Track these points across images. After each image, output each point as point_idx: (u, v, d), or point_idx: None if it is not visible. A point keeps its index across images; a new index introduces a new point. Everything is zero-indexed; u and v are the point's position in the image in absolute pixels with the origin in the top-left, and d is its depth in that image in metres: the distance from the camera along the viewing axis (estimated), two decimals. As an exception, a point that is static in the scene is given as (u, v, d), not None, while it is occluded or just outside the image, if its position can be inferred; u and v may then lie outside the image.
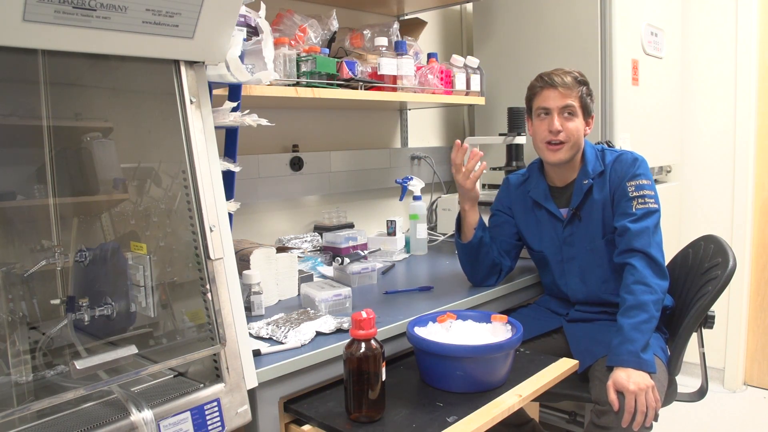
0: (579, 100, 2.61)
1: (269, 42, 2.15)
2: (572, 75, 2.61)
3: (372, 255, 3.20)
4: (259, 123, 2.03)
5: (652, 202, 2.55)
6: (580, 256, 2.70)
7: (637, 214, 2.53)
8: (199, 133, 1.70)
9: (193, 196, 1.69)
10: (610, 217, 2.62)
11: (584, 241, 2.69)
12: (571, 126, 2.60)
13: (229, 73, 1.86)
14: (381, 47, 3.11)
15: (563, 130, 2.60)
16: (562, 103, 2.59)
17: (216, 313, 1.67)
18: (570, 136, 2.60)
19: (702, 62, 4.52)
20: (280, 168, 3.29)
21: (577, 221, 2.69)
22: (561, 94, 2.59)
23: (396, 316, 2.29)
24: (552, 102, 2.60)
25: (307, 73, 2.72)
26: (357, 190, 3.76)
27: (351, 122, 3.78)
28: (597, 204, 2.64)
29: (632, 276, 2.46)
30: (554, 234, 2.75)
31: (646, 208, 2.54)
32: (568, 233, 2.71)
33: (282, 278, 2.56)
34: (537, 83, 2.66)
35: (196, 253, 1.69)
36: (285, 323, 2.11)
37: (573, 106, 2.59)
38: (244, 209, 3.03)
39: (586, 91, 2.64)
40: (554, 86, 2.59)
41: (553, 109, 2.60)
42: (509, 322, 2.17)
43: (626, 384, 2.26)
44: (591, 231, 2.67)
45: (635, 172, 2.60)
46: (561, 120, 2.60)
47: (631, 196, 2.56)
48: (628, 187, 2.57)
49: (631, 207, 2.55)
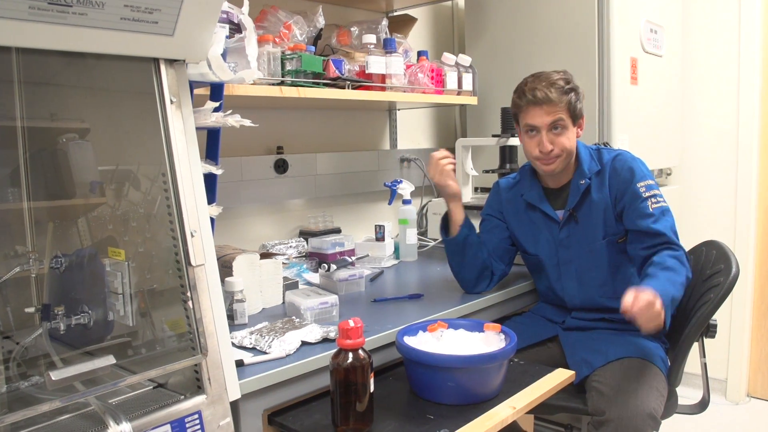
0: (567, 111, 2.59)
1: (253, 39, 2.15)
2: (557, 86, 2.57)
3: (360, 261, 3.21)
4: (242, 124, 2.03)
5: (663, 201, 2.58)
6: (578, 258, 2.72)
7: (655, 213, 2.54)
8: (179, 134, 1.70)
9: (173, 199, 1.69)
10: (611, 219, 2.63)
11: (582, 242, 2.70)
12: (562, 140, 2.60)
13: (211, 71, 1.86)
14: (369, 45, 3.12)
15: (554, 147, 2.60)
16: (549, 120, 2.58)
17: (197, 322, 1.67)
18: (563, 149, 2.61)
19: (704, 60, 4.53)
20: (264, 170, 3.30)
21: (574, 223, 2.70)
22: (546, 111, 2.57)
23: (385, 324, 2.30)
24: (539, 119, 2.59)
25: (292, 72, 2.72)
26: (344, 194, 3.77)
27: (338, 123, 3.79)
28: (596, 204, 2.65)
29: (674, 259, 2.45)
30: (550, 236, 2.76)
31: (660, 206, 2.56)
32: (564, 235, 2.72)
33: (266, 285, 2.57)
34: (521, 100, 2.63)
35: (176, 259, 1.69)
36: (269, 332, 2.12)
37: (562, 120, 2.58)
38: (226, 213, 3.04)
39: (574, 97, 2.60)
40: (538, 103, 2.57)
41: (541, 126, 2.59)
42: (503, 331, 2.18)
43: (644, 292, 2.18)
44: (590, 232, 2.68)
45: (641, 172, 2.62)
46: (551, 137, 2.60)
47: (644, 196, 2.57)
48: (639, 188, 2.58)
49: (648, 207, 2.56)
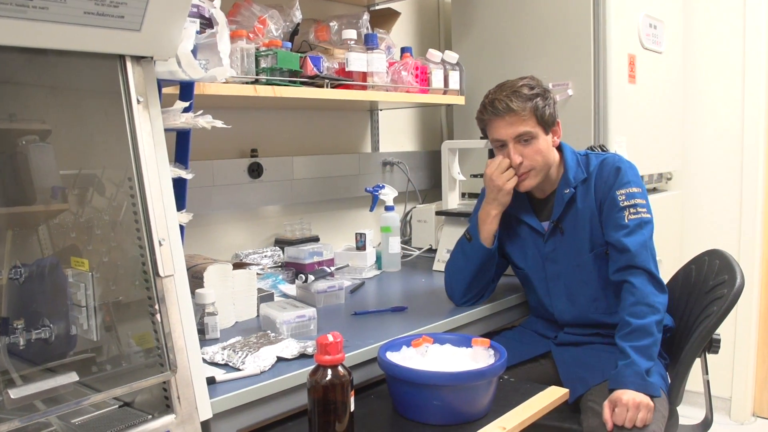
0: (534, 119, 2.58)
1: (225, 35, 2.16)
2: (519, 94, 2.57)
3: (339, 272, 3.22)
4: (213, 125, 2.03)
5: (644, 211, 2.57)
6: (566, 273, 2.72)
7: (630, 225, 2.54)
8: (147, 136, 1.70)
9: (140, 206, 1.69)
10: (598, 229, 2.63)
11: (569, 256, 2.70)
12: (531, 152, 2.61)
13: (181, 69, 1.86)
14: (349, 41, 3.13)
15: (524, 159, 2.61)
16: (513, 132, 2.59)
17: (166, 337, 1.68)
18: (533, 162, 2.61)
19: (706, 57, 4.55)
20: (237, 175, 3.30)
21: (560, 235, 2.70)
22: (509, 123, 2.58)
23: (366, 339, 2.31)
24: (503, 132, 2.61)
25: (267, 70, 2.73)
26: (323, 200, 3.77)
27: (316, 124, 3.80)
28: (582, 215, 2.66)
29: (632, 296, 2.48)
30: (536, 250, 2.77)
31: (639, 218, 2.55)
32: (550, 248, 2.73)
33: (239, 298, 2.57)
34: (483, 114, 2.66)
35: (143, 269, 1.69)
36: (242, 348, 2.13)
37: (527, 132, 2.58)
38: (197, 221, 3.03)
39: (540, 102, 2.59)
40: (500, 116, 2.58)
41: (507, 139, 2.61)
42: (492, 347, 2.18)
43: (620, 395, 2.30)
44: (576, 245, 2.68)
45: (624, 179, 2.61)
46: (518, 149, 2.61)
47: (622, 205, 2.57)
48: (618, 196, 2.58)
49: (623, 218, 2.56)
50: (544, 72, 3.47)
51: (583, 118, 3.56)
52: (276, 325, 2.35)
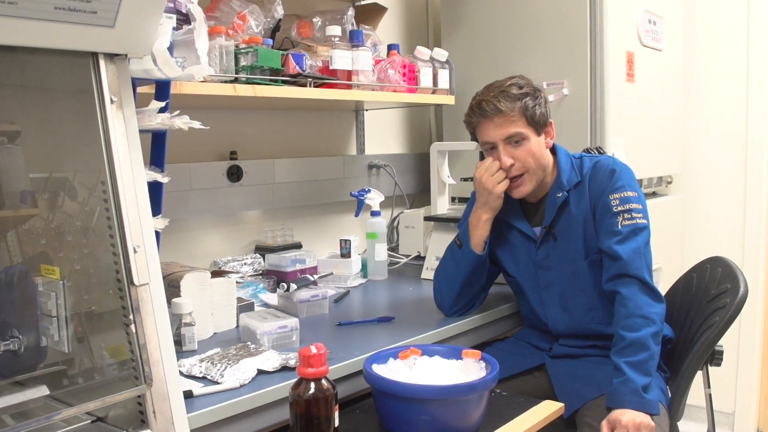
0: (524, 119, 2.59)
1: (203, 31, 2.17)
2: (507, 93, 2.58)
3: (323, 280, 3.21)
4: (191, 126, 2.02)
5: (640, 217, 2.57)
6: (560, 281, 2.72)
7: (623, 232, 2.54)
8: (121, 137, 1.69)
9: (114, 211, 1.68)
10: (592, 235, 2.64)
11: (563, 263, 2.71)
12: (523, 153, 2.61)
13: (156, 67, 1.86)
14: (333, 38, 3.13)
15: (515, 161, 2.61)
16: (503, 134, 2.60)
17: (141, 348, 1.67)
18: (526, 164, 2.62)
19: (708, 54, 4.56)
20: (216, 178, 3.31)
21: (552, 241, 2.71)
22: (498, 124, 2.59)
23: (351, 351, 2.31)
24: (492, 134, 2.62)
25: (248, 68, 2.74)
26: (305, 205, 3.79)
27: (298, 125, 3.80)
28: (576, 220, 2.66)
29: (625, 308, 2.48)
30: (528, 257, 2.78)
31: (633, 224, 2.55)
32: (542, 255, 2.73)
33: (218, 307, 2.58)
34: (471, 117, 2.67)
35: (117, 278, 1.69)
36: (221, 360, 2.13)
37: (517, 133, 2.59)
38: (173, 227, 3.02)
39: (530, 102, 2.60)
40: (488, 117, 2.59)
41: (497, 142, 2.62)
42: (483, 359, 2.18)
43: (619, 417, 2.31)
44: (570, 251, 2.68)
45: (618, 182, 2.61)
46: (509, 151, 2.61)
47: (615, 211, 2.57)
48: (611, 200, 2.59)
49: (617, 224, 2.56)
50: (538, 70, 3.50)
51: (578, 119, 3.57)
52: (256, 336, 2.35)
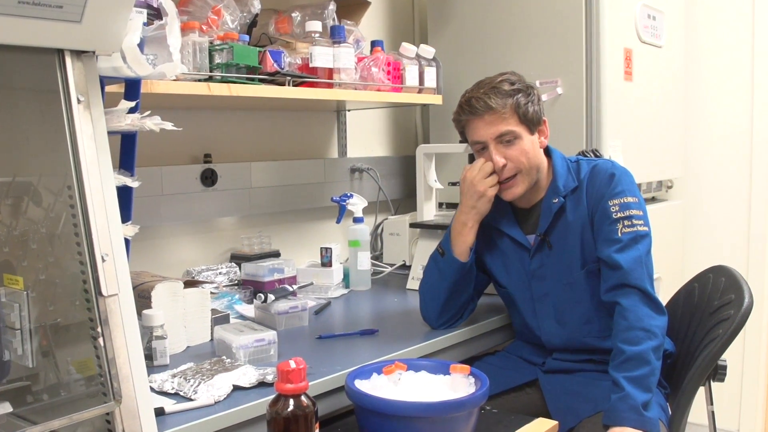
0: (515, 117, 2.60)
1: (175, 27, 2.17)
2: (498, 90, 2.59)
3: (302, 291, 3.21)
4: (162, 127, 2.01)
5: (641, 224, 2.57)
6: (554, 292, 2.72)
7: (623, 240, 2.54)
8: (88, 139, 1.69)
9: (81, 217, 1.68)
10: (590, 243, 2.64)
11: (558, 273, 2.70)
12: (516, 152, 2.62)
13: (126, 65, 1.86)
14: (313, 34, 3.14)
15: (508, 161, 2.62)
16: (494, 132, 2.60)
17: (109, 363, 1.67)
18: (518, 164, 2.62)
19: (711, 51, 4.56)
20: (189, 183, 3.30)
21: (547, 249, 2.71)
22: (488, 122, 2.60)
23: (332, 366, 2.32)
24: (483, 133, 2.62)
25: (223, 66, 2.74)
26: (284, 211, 3.79)
27: (276, 126, 3.81)
28: (572, 227, 2.66)
29: (625, 320, 2.46)
30: (520, 266, 2.78)
31: (634, 231, 2.55)
32: (536, 265, 2.73)
33: (191, 319, 2.58)
34: (460, 115, 2.68)
35: (84, 288, 1.69)
36: (195, 375, 2.14)
37: (509, 131, 2.60)
38: (144, 234, 3.00)
39: (522, 99, 2.61)
40: (478, 115, 2.60)
41: (488, 141, 2.62)
42: (472, 374, 2.18)
43: None
44: (566, 261, 2.68)
45: (618, 187, 2.61)
46: (501, 151, 2.62)
47: (615, 217, 2.57)
48: (610, 206, 2.59)
49: (616, 231, 2.56)
50: (530, 68, 3.50)
51: (573, 120, 3.58)
52: (232, 349, 2.35)
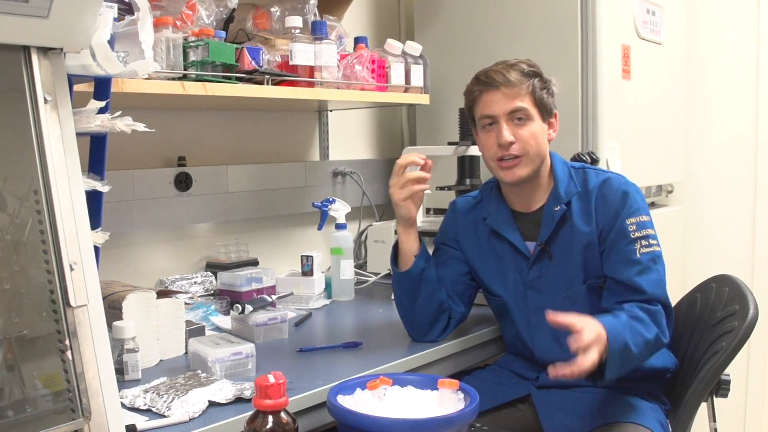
0: (531, 97, 2.63)
1: (148, 23, 2.17)
2: (517, 68, 2.63)
3: (282, 301, 3.21)
4: (134, 128, 2.01)
5: (655, 243, 2.60)
6: (551, 305, 2.63)
7: (642, 261, 2.55)
8: (55, 141, 1.69)
9: (48, 224, 1.68)
10: (595, 259, 2.64)
11: (557, 286, 2.70)
12: (525, 133, 2.62)
13: (95, 63, 1.86)
14: (293, 29, 3.13)
15: (516, 141, 2.62)
16: (509, 106, 2.61)
17: (78, 377, 1.67)
18: (526, 146, 2.63)
19: (714, 48, 4.58)
20: (162, 187, 3.31)
21: (547, 260, 2.71)
22: (506, 95, 2.61)
23: (314, 381, 2.32)
24: (496, 107, 2.63)
25: (198, 64, 2.75)
26: (262, 217, 3.80)
27: (255, 128, 3.82)
28: (576, 238, 2.66)
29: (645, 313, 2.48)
30: (517, 275, 2.78)
31: (651, 252, 2.57)
32: (535, 275, 2.74)
33: (164, 331, 2.59)
34: (474, 86, 2.69)
35: (52, 298, 1.69)
36: (168, 390, 2.14)
37: (524, 108, 2.61)
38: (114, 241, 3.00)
39: (540, 84, 2.65)
40: (495, 87, 2.61)
41: (499, 115, 2.62)
42: (462, 389, 2.18)
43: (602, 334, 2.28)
44: (567, 273, 2.69)
45: (634, 205, 2.63)
46: (511, 128, 2.62)
47: (633, 237, 2.58)
48: (628, 225, 2.59)
49: (635, 252, 2.57)
50: (523, 66, 3.52)
51: (568, 121, 3.58)
52: (207, 363, 2.36)
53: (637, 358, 2.41)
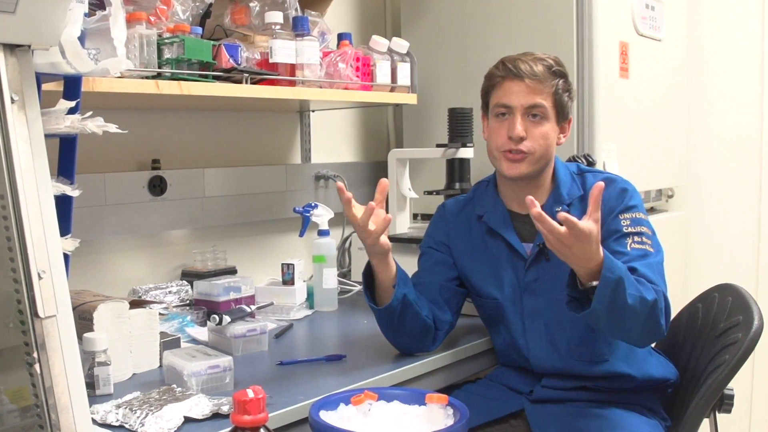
0: (553, 98, 2.65)
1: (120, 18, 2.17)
2: (545, 63, 2.65)
3: (261, 312, 3.22)
4: (106, 130, 2.00)
5: (650, 244, 2.60)
6: (547, 309, 2.72)
7: (630, 254, 2.54)
8: (23, 143, 1.69)
9: (15, 230, 1.68)
10: None
11: (554, 289, 2.67)
12: (538, 132, 2.64)
13: (65, 60, 1.85)
14: (274, 25, 3.13)
15: (527, 137, 2.64)
16: (528, 101, 2.63)
17: (46, 392, 1.67)
18: (536, 146, 2.65)
19: (716, 45, 4.60)
20: (136, 192, 3.30)
21: (545, 261, 2.72)
22: (528, 88, 2.63)
23: (295, 395, 2.32)
24: (515, 98, 2.64)
25: (173, 61, 2.75)
26: (241, 223, 3.80)
27: (233, 129, 3.82)
28: None
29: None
30: (514, 277, 2.78)
31: (642, 249, 2.56)
32: (532, 277, 2.75)
33: (138, 344, 2.58)
34: (497, 71, 2.70)
35: (19, 309, 1.68)
36: (142, 405, 2.14)
37: (543, 106, 2.64)
38: (85, 249, 2.99)
39: (563, 85, 2.68)
40: (520, 77, 2.63)
41: (517, 107, 2.64)
42: (451, 404, 2.15)
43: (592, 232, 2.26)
44: (564, 275, 2.61)
45: (631, 202, 2.65)
46: (525, 123, 2.64)
47: (624, 231, 2.60)
48: (621, 220, 2.62)
49: (625, 245, 2.57)
50: (515, 64, 3.53)
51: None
52: (183, 377, 2.36)
53: (630, 310, 2.32)
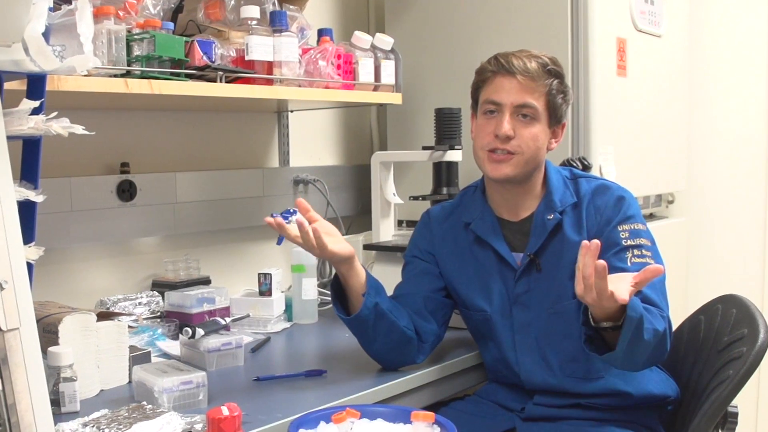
0: (545, 98, 2.65)
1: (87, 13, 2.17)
2: (540, 61, 2.65)
3: (237, 324, 3.23)
4: (71, 131, 2.00)
5: (649, 255, 2.59)
6: (538, 322, 2.72)
7: (631, 270, 2.48)
8: None
9: None
10: None
11: (545, 301, 2.71)
12: (527, 133, 2.65)
13: (28, 58, 1.85)
14: (250, 21, 3.14)
15: (514, 137, 2.64)
16: (519, 99, 2.63)
17: (9, 409, 1.67)
18: (523, 146, 2.65)
19: (720, 41, 4.61)
20: (103, 197, 3.30)
21: (536, 272, 2.73)
22: (520, 85, 2.63)
23: (272, 413, 2.32)
24: (505, 95, 2.64)
25: (143, 59, 2.75)
26: (215, 229, 3.80)
27: (206, 130, 3.83)
28: (567, 249, 2.67)
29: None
30: (503, 288, 2.78)
31: (643, 263, 2.50)
32: (522, 289, 2.75)
33: (106, 358, 2.58)
34: (489, 66, 2.70)
35: None
36: (110, 424, 2.14)
37: (534, 107, 2.64)
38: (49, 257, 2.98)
39: (558, 87, 2.68)
40: (512, 73, 2.63)
41: (506, 105, 2.64)
42: (437, 422, 2.17)
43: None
44: (556, 287, 2.69)
45: (629, 212, 2.65)
46: (514, 122, 2.64)
47: (624, 245, 2.59)
48: (620, 232, 2.61)
49: (625, 260, 2.57)
50: (506, 62, 3.54)
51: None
52: (154, 394, 2.36)
53: (646, 345, 2.33)
